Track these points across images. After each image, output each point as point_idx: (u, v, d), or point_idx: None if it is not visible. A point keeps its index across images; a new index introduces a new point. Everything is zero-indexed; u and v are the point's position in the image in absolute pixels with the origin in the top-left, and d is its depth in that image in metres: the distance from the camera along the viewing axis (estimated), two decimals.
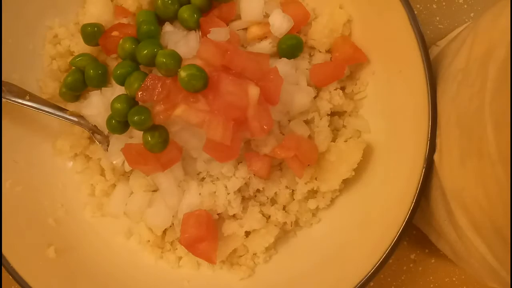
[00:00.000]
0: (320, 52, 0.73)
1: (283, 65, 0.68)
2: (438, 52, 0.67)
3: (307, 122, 0.71)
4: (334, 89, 0.72)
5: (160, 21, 0.70)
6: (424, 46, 0.59)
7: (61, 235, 0.71)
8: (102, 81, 0.71)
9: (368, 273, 0.59)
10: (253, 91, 0.61)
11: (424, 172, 0.58)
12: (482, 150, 0.45)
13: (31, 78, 0.74)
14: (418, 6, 0.80)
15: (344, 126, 0.74)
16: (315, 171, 0.71)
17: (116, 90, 0.69)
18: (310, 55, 0.74)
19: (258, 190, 0.72)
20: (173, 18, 0.70)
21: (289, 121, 0.70)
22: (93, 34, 0.70)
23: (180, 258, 0.74)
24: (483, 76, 0.47)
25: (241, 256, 0.73)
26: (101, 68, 0.71)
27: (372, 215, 0.66)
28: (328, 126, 0.71)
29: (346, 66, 0.71)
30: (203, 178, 0.71)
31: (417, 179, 0.58)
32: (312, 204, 0.72)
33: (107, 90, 0.71)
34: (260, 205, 0.72)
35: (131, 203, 0.72)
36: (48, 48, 0.74)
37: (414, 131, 0.61)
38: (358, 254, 0.64)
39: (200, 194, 0.69)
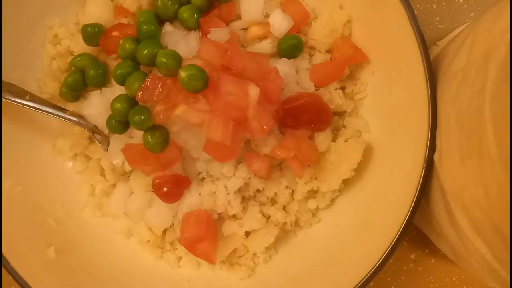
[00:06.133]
0: (320, 52, 0.73)
1: (283, 65, 0.69)
2: (438, 52, 0.67)
3: None
4: (334, 89, 0.72)
5: (160, 21, 0.70)
6: (424, 46, 0.59)
7: (61, 235, 0.71)
8: (102, 81, 0.71)
9: (368, 273, 0.59)
10: (253, 91, 0.61)
11: (424, 172, 0.58)
12: (482, 150, 0.45)
13: (31, 78, 0.74)
14: (418, 6, 0.80)
15: (344, 126, 0.74)
16: (315, 171, 0.71)
17: (116, 90, 0.69)
18: (310, 55, 0.74)
19: (258, 190, 0.72)
20: (173, 18, 0.70)
21: None
22: (93, 34, 0.70)
23: (180, 258, 0.74)
24: (483, 76, 0.47)
25: (241, 256, 0.73)
26: (101, 68, 0.71)
27: (372, 215, 0.66)
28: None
29: (346, 66, 0.71)
30: (203, 178, 0.71)
31: (417, 179, 0.58)
32: (312, 204, 0.72)
33: (107, 90, 0.71)
34: (260, 205, 0.72)
35: (131, 203, 0.72)
36: (48, 48, 0.74)
37: (414, 131, 0.61)
38: (358, 254, 0.64)
39: (200, 194, 0.69)
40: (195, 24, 0.68)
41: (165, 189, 0.66)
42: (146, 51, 0.64)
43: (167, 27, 0.70)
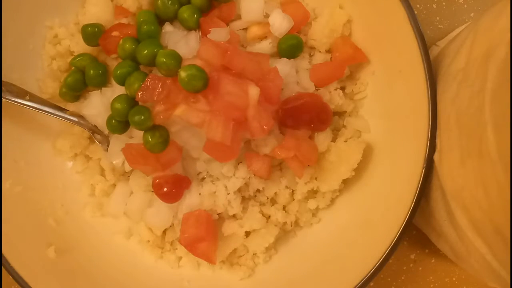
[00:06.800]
0: (320, 52, 0.73)
1: (283, 65, 0.69)
2: (438, 52, 0.67)
3: None
4: (334, 89, 0.72)
5: (160, 21, 0.70)
6: (424, 46, 0.59)
7: (61, 235, 0.71)
8: (102, 81, 0.71)
9: (368, 273, 0.59)
10: (253, 91, 0.61)
11: (424, 172, 0.58)
12: (482, 150, 0.45)
13: (31, 78, 0.74)
14: (418, 6, 0.80)
15: (344, 126, 0.74)
16: (315, 171, 0.71)
17: (116, 90, 0.69)
18: (310, 55, 0.74)
19: (258, 190, 0.72)
20: (173, 18, 0.70)
21: None
22: (93, 34, 0.70)
23: (180, 258, 0.74)
24: (483, 76, 0.47)
25: (241, 256, 0.73)
26: (101, 68, 0.71)
27: (372, 215, 0.66)
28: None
29: (346, 66, 0.71)
30: (203, 178, 0.71)
31: (417, 179, 0.58)
32: (312, 204, 0.72)
33: (107, 90, 0.71)
34: (260, 205, 0.72)
35: (131, 203, 0.72)
36: (48, 48, 0.74)
37: (414, 131, 0.61)
38: (358, 254, 0.64)
39: (200, 194, 0.69)
40: (195, 24, 0.68)
41: (165, 189, 0.66)
42: (146, 51, 0.64)
43: (167, 27, 0.70)
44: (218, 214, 0.71)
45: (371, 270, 0.59)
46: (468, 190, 0.50)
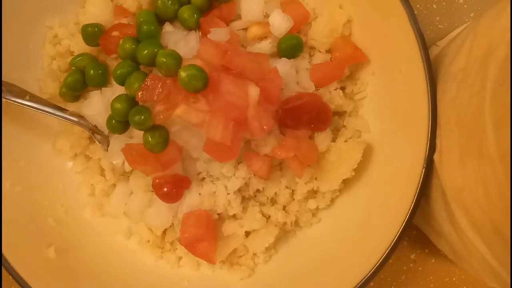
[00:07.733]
0: (320, 52, 0.73)
1: (283, 65, 0.69)
2: (438, 52, 0.67)
3: None
4: (334, 89, 0.72)
5: (160, 21, 0.70)
6: (424, 46, 0.59)
7: (61, 235, 0.71)
8: (102, 81, 0.71)
9: (368, 273, 0.59)
10: (253, 91, 0.61)
11: (424, 172, 0.58)
12: (482, 150, 0.45)
13: (31, 78, 0.74)
14: (418, 6, 0.80)
15: (344, 126, 0.74)
16: (315, 171, 0.71)
17: (116, 90, 0.69)
18: (310, 55, 0.74)
19: (258, 190, 0.72)
20: (173, 18, 0.70)
21: None
22: (93, 34, 0.70)
23: (180, 258, 0.74)
24: (483, 76, 0.47)
25: (241, 256, 0.73)
26: (101, 68, 0.71)
27: (372, 215, 0.66)
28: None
29: (346, 66, 0.71)
30: (203, 178, 0.71)
31: (417, 179, 0.58)
32: (312, 204, 0.72)
33: (107, 90, 0.71)
34: (260, 205, 0.72)
35: (131, 203, 0.72)
36: (48, 48, 0.74)
37: (414, 131, 0.61)
38: (358, 254, 0.64)
39: (200, 194, 0.69)
40: (195, 24, 0.68)
41: (165, 189, 0.66)
42: (146, 51, 0.64)
43: (167, 27, 0.70)
44: (218, 214, 0.71)
45: (371, 270, 0.59)
46: (468, 190, 0.50)
